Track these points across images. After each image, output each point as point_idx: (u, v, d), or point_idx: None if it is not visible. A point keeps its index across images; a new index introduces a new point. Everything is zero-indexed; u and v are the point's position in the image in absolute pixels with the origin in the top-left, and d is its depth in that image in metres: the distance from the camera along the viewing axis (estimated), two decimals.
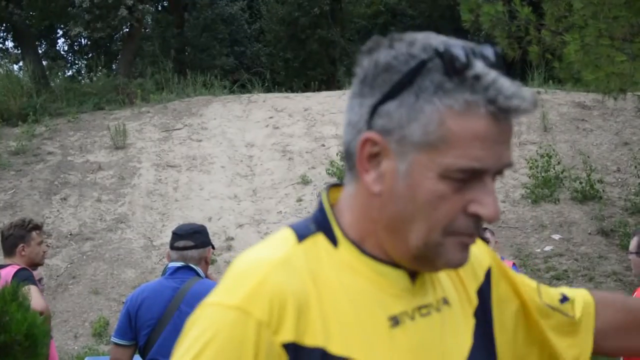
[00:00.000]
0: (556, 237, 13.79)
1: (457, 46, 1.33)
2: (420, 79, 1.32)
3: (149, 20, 26.26)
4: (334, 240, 1.43)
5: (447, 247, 1.37)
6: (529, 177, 15.04)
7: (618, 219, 13.92)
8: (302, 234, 1.43)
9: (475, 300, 1.58)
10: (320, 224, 1.45)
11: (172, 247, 5.11)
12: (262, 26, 29.29)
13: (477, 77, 1.30)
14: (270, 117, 17.51)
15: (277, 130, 16.98)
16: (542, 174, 14.98)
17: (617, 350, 1.79)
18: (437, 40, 1.35)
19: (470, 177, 1.33)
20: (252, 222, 14.19)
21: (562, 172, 14.99)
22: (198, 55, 26.63)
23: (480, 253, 1.63)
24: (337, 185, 1.52)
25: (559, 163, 15.12)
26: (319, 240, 1.43)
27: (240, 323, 1.30)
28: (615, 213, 14.17)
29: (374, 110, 1.36)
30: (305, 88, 21.44)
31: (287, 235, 1.44)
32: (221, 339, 1.29)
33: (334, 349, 1.34)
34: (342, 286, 1.39)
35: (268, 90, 20.60)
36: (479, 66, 1.32)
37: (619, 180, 15.09)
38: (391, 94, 1.34)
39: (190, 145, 16.57)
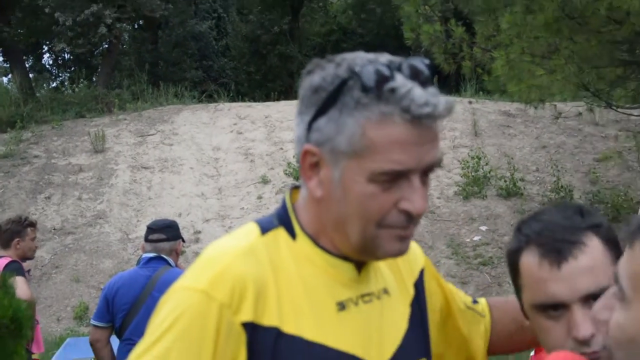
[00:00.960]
0: (483, 228, 13.91)
1: (380, 63, 1.34)
2: (343, 97, 1.34)
3: (126, 37, 25.96)
4: (293, 234, 1.45)
5: (383, 240, 1.38)
6: (461, 176, 15.15)
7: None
8: (265, 228, 1.45)
9: (412, 292, 1.60)
10: (282, 219, 1.47)
11: (147, 240, 5.12)
12: (228, 43, 29.16)
13: (393, 90, 1.31)
14: (235, 124, 17.43)
15: (240, 136, 16.91)
16: (473, 174, 15.10)
17: (505, 348, 1.78)
18: (363, 59, 1.36)
19: (396, 178, 1.34)
20: (217, 217, 14.12)
21: (489, 172, 15.12)
22: (170, 69, 26.42)
23: (417, 254, 1.66)
24: (298, 187, 1.53)
25: (487, 164, 15.25)
26: (280, 233, 1.45)
27: (204, 304, 1.31)
28: (534, 207, 14.33)
29: (309, 126, 1.39)
30: (266, 98, 21.36)
31: (252, 228, 1.46)
32: (187, 318, 1.31)
33: (287, 328, 1.36)
34: (298, 274, 1.41)
35: (233, 99, 20.51)
36: (398, 79, 1.32)
37: (538, 178, 15.26)
38: (321, 111, 1.36)
39: (162, 149, 16.43)
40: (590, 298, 1.38)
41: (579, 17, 11.07)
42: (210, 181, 15.34)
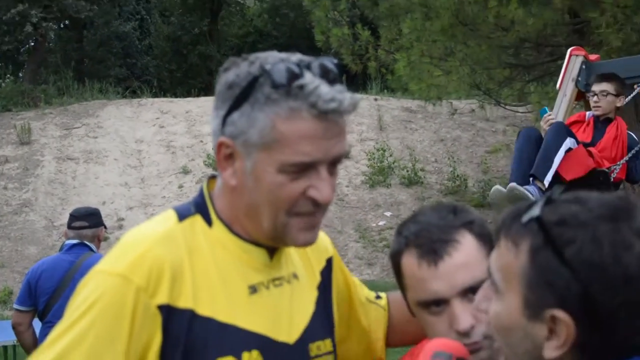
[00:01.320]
0: (388, 214, 14.14)
1: (290, 62, 1.34)
2: (254, 92, 1.34)
3: (52, 35, 25.13)
4: (209, 221, 1.43)
5: (292, 228, 1.38)
6: (368, 167, 15.35)
7: (435, 199, 14.41)
8: (182, 215, 1.44)
9: (318, 278, 1.59)
10: (199, 207, 1.46)
11: (70, 227, 5.02)
12: (150, 42, 28.68)
13: (301, 87, 1.31)
14: (157, 118, 17.16)
15: (162, 129, 16.67)
16: (378, 164, 15.32)
17: (403, 341, 1.76)
18: (275, 58, 1.36)
19: (305, 168, 1.34)
20: (140, 206, 13.90)
21: (393, 163, 15.37)
22: (95, 66, 25.77)
23: (326, 244, 1.65)
24: (215, 177, 1.51)
25: (391, 155, 15.50)
26: (197, 220, 1.43)
27: (121, 287, 1.29)
28: (433, 195, 14.67)
29: (224, 120, 1.37)
30: (187, 94, 21.08)
31: (170, 215, 1.44)
32: (105, 300, 1.29)
33: (201, 310, 1.34)
34: (213, 259, 1.39)
35: (155, 95, 20.17)
36: (307, 77, 1.32)
37: (436, 169, 15.61)
38: (234, 106, 1.36)
39: (87, 142, 16.04)
40: (469, 292, 1.40)
41: (471, 24, 11.38)
42: (133, 171, 15.08)
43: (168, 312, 1.31)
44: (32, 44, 22.60)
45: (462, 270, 1.41)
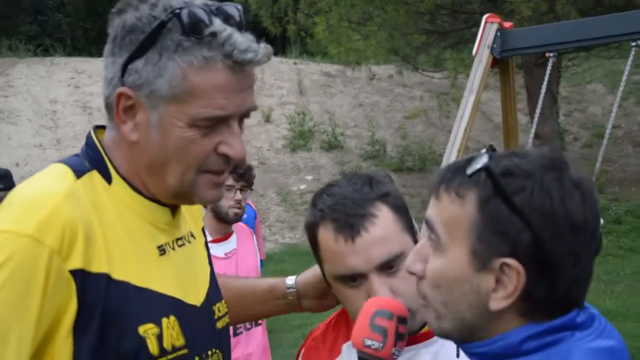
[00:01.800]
0: (309, 177, 14.27)
1: (197, 6, 1.24)
2: (162, 39, 1.23)
3: None
4: (108, 178, 1.32)
5: (200, 185, 1.31)
6: (288, 131, 15.40)
7: (355, 163, 14.63)
8: (78, 171, 1.30)
9: (203, 236, 1.54)
10: (94, 162, 1.32)
11: None
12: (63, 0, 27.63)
13: (214, 34, 1.23)
14: (72, 78, 16.65)
15: (78, 90, 16.20)
16: (299, 128, 15.40)
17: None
18: (179, 2, 1.25)
19: (217, 123, 1.27)
20: None
21: (313, 127, 15.48)
22: (3, 22, 24.65)
23: (199, 207, 1.58)
24: (101, 127, 1.39)
25: (311, 119, 15.59)
26: (95, 177, 1.31)
27: (33, 250, 1.16)
28: (353, 159, 14.88)
29: (124, 68, 1.26)
30: (103, 54, 20.46)
31: (65, 170, 1.29)
32: (14, 264, 1.15)
33: (115, 274, 1.24)
34: (120, 219, 1.29)
35: (69, 55, 19.53)
36: (217, 24, 1.23)
37: (356, 133, 15.80)
38: (138, 53, 1.24)
39: None
40: (385, 266, 1.39)
41: None
42: (48, 132, 14.66)
43: (83, 278, 1.20)
44: None
45: (379, 245, 1.38)
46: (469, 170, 1.06)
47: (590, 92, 17.10)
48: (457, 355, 1.18)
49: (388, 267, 1.39)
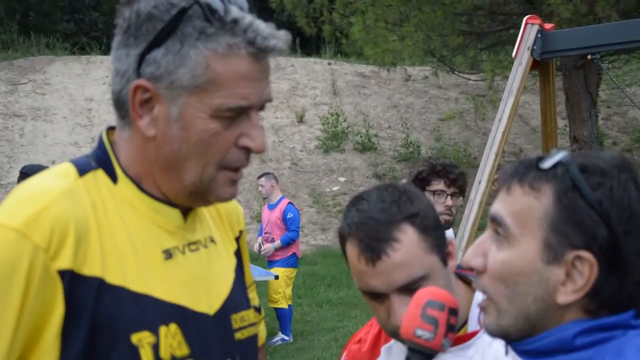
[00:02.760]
0: (342, 179, 14.28)
1: None
2: (183, 26, 1.18)
3: None
4: (113, 177, 1.27)
5: (219, 182, 1.25)
6: (322, 132, 15.43)
7: (388, 165, 14.60)
8: (82, 169, 1.25)
9: (235, 245, 1.48)
10: (100, 160, 1.28)
11: None
12: None
13: (236, 21, 1.18)
14: (107, 76, 16.85)
15: None
16: (332, 129, 15.41)
17: None
18: None
19: (239, 114, 1.22)
20: None
21: (347, 128, 15.48)
22: (41, 20, 25.08)
23: (239, 215, 1.52)
24: (114, 128, 1.33)
25: (345, 120, 15.59)
26: (99, 176, 1.26)
27: (16, 244, 1.12)
28: (386, 161, 14.85)
29: (141, 59, 1.20)
30: None
31: (68, 169, 1.25)
32: None
33: (110, 278, 1.18)
34: (121, 220, 1.24)
35: (105, 53, 19.77)
36: (234, 11, 1.19)
37: (389, 135, 15.77)
38: (156, 42, 1.19)
39: (35, 98, 15.71)
40: (407, 288, 1.39)
41: None
42: (83, 130, 14.86)
43: (71, 279, 1.15)
44: None
45: (399, 269, 1.38)
46: (546, 164, 1.08)
47: (631, 95, 16.84)
48: (506, 353, 1.17)
49: (409, 288, 1.39)
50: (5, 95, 15.77)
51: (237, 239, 1.49)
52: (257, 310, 1.61)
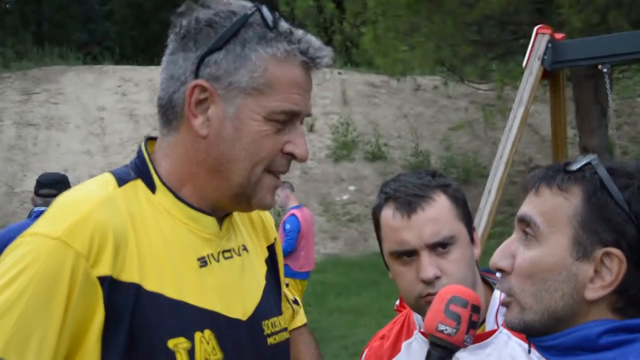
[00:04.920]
0: (352, 188, 14.27)
1: (265, 7, 1.28)
2: (244, 31, 1.25)
3: None
4: (152, 187, 1.30)
5: (263, 187, 1.30)
6: (332, 141, 15.43)
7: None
8: (122, 179, 1.30)
9: (266, 252, 1.52)
10: (139, 171, 1.32)
11: (37, 194, 4.94)
12: (112, 8, 28.17)
13: (291, 31, 1.26)
14: (119, 86, 16.97)
15: (125, 97, 16.50)
16: (342, 138, 15.42)
17: None
18: (248, 3, 1.29)
19: (289, 119, 1.28)
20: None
21: (357, 137, 15.48)
22: (55, 30, 25.28)
23: (272, 225, 1.58)
24: (153, 139, 1.38)
25: (354, 130, 15.59)
26: (138, 185, 1.30)
27: (59, 253, 1.16)
28: (396, 170, 14.81)
29: (200, 62, 1.26)
30: (150, 62, 20.83)
31: (108, 179, 1.30)
32: (38, 265, 1.15)
33: (148, 285, 1.22)
34: (159, 229, 1.27)
35: (117, 62, 19.88)
36: (285, 23, 1.28)
37: (399, 144, 15.76)
38: (218, 45, 1.25)
39: (48, 108, 15.80)
40: (437, 246, 1.48)
41: None
42: (95, 139, 14.93)
43: (110, 285, 1.18)
44: None
45: (432, 223, 1.48)
46: (575, 167, 1.12)
47: None
48: (529, 352, 1.22)
49: (441, 246, 1.49)
50: (19, 104, 15.87)
51: (271, 247, 1.54)
52: (296, 302, 1.71)
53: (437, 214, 1.50)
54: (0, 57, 18.23)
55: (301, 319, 1.75)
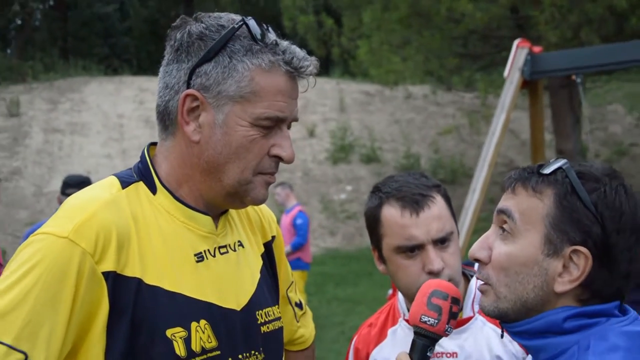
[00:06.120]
0: (349, 188, 14.25)
1: (254, 20, 1.28)
2: (232, 43, 1.24)
3: (38, 15, 24.56)
4: (153, 188, 1.30)
5: (255, 185, 1.29)
6: (330, 145, 15.39)
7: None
8: (125, 182, 1.29)
9: (262, 248, 1.49)
10: (141, 174, 1.32)
11: (63, 193, 4.96)
12: (130, 25, 28.21)
13: (276, 43, 1.26)
14: (137, 95, 16.94)
15: (142, 105, 16.46)
16: (340, 143, 15.38)
17: None
18: (237, 16, 1.29)
19: (274, 125, 1.27)
20: None
21: (353, 141, 15.44)
22: (79, 45, 25.30)
23: (271, 222, 1.55)
24: (154, 144, 1.37)
25: (351, 135, 15.56)
26: (140, 187, 1.30)
27: (66, 251, 1.16)
28: (389, 171, 14.77)
29: (192, 72, 1.25)
30: None
31: (112, 182, 1.30)
32: (47, 262, 1.15)
33: (148, 279, 1.22)
34: (159, 227, 1.27)
35: (135, 74, 19.88)
36: (272, 34, 1.27)
37: (392, 147, 15.73)
38: (207, 57, 1.24)
39: (72, 115, 15.77)
40: (440, 241, 1.51)
41: (425, 15, 11.49)
42: (115, 144, 14.91)
43: (115, 280, 1.19)
44: (19, 22, 22.08)
45: (437, 220, 1.51)
46: (547, 170, 1.13)
47: (611, 112, 16.75)
48: (502, 336, 1.23)
49: (441, 241, 1.51)
50: (46, 112, 15.86)
51: (268, 244, 1.51)
52: (299, 305, 1.66)
53: (440, 211, 1.53)
54: (30, 69, 18.21)
55: (304, 340, 1.68)
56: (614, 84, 16.30)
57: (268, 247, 1.51)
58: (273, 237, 1.53)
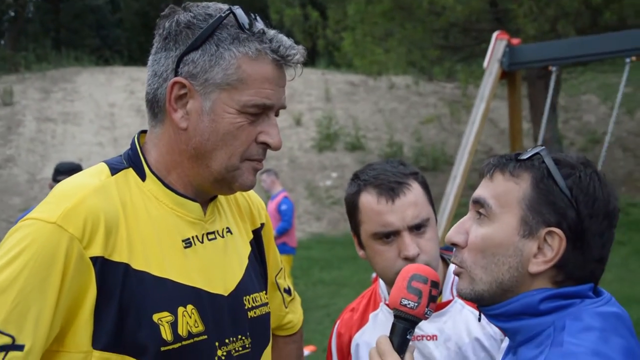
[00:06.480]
0: (334, 175, 14.25)
1: (241, 9, 1.25)
2: (219, 32, 1.22)
3: (31, 7, 24.24)
4: (142, 175, 1.27)
5: (242, 171, 1.27)
6: (316, 133, 15.38)
7: None
8: (114, 168, 1.27)
9: (251, 235, 1.46)
10: (131, 160, 1.29)
11: (55, 180, 4.91)
12: (121, 17, 27.94)
13: (263, 31, 1.23)
14: (128, 85, 16.80)
15: (133, 95, 16.34)
16: (325, 131, 15.37)
17: None
18: (225, 6, 1.26)
19: (261, 112, 1.25)
20: None
21: (338, 130, 15.44)
22: (71, 36, 25.05)
23: (261, 210, 1.52)
24: (145, 132, 1.35)
25: (336, 123, 15.55)
26: (130, 174, 1.27)
27: (55, 236, 1.14)
28: (373, 159, 14.79)
29: (179, 60, 1.23)
30: None
31: (102, 168, 1.27)
32: (36, 247, 1.13)
33: (135, 264, 1.20)
34: (147, 213, 1.24)
35: (126, 64, 19.71)
36: (260, 23, 1.25)
37: (376, 136, 15.74)
38: (195, 45, 1.22)
39: (64, 105, 15.63)
40: (415, 227, 1.49)
41: (408, 8, 11.46)
42: (107, 132, 14.80)
43: (102, 265, 1.16)
44: (13, 14, 21.79)
45: (412, 207, 1.49)
46: (525, 155, 1.13)
47: (585, 102, 16.84)
48: (479, 320, 1.23)
49: (417, 227, 1.49)
50: (39, 102, 15.70)
51: (257, 231, 1.48)
52: (288, 292, 1.63)
53: (415, 198, 1.50)
54: (23, 60, 18.02)
55: (292, 325, 1.66)
56: (588, 75, 16.38)
57: (257, 234, 1.48)
58: (262, 225, 1.50)
